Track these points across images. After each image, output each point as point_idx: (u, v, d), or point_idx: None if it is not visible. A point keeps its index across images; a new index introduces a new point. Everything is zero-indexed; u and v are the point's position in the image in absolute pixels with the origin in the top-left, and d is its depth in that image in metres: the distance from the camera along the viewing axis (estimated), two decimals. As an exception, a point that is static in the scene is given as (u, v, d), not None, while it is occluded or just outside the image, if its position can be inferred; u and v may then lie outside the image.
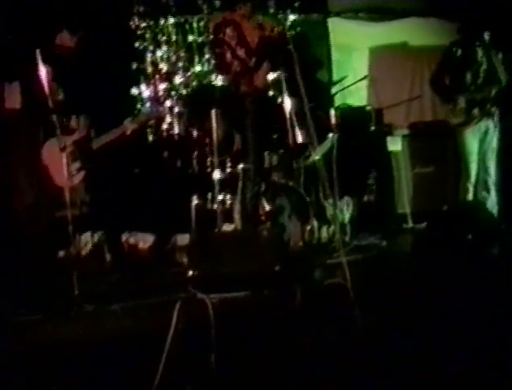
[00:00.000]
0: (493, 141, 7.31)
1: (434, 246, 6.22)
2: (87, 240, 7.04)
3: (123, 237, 7.35)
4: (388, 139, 8.53)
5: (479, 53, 7.26)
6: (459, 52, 7.30)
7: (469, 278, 5.32)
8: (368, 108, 8.82)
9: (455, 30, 7.90)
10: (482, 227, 6.51)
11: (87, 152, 6.44)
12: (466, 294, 4.99)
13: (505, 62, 7.16)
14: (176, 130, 8.08)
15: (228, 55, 7.08)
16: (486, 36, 7.13)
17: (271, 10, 8.39)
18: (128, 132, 6.65)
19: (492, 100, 7.19)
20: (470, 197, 7.33)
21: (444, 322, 4.62)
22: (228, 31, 7.12)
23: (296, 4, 8.31)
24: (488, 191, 7.34)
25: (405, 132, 8.68)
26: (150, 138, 8.13)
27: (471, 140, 7.29)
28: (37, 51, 5.32)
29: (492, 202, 7.30)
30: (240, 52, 6.99)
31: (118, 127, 6.58)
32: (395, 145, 8.52)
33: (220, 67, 7.24)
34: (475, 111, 7.20)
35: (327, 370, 4.24)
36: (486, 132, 7.29)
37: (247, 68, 6.92)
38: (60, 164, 5.58)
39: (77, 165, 6.37)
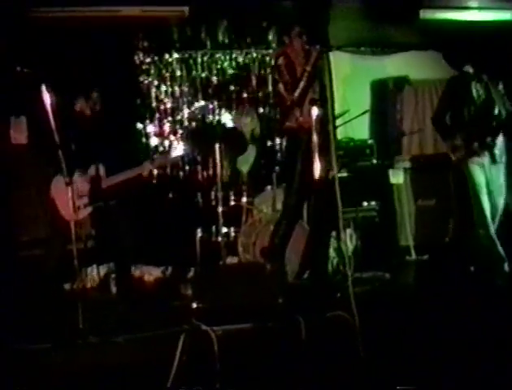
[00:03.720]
0: (500, 177, 7.10)
1: (437, 278, 6.25)
2: (92, 273, 7.08)
3: (130, 270, 7.41)
4: (390, 172, 8.58)
5: (477, 87, 7.13)
6: (458, 88, 7.24)
7: (471, 310, 5.35)
8: (370, 141, 8.90)
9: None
10: (484, 260, 6.55)
11: (96, 189, 6.48)
12: (469, 327, 5.02)
13: (506, 92, 7.08)
14: (181, 164, 8.18)
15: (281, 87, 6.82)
16: (483, 71, 7.11)
17: (273, 45, 8.54)
18: (145, 173, 6.68)
19: (490, 132, 7.03)
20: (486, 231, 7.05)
21: (446, 355, 4.65)
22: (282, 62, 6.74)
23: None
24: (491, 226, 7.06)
25: (407, 164, 8.71)
26: (155, 171, 8.22)
27: (477, 172, 7.05)
28: (43, 86, 5.36)
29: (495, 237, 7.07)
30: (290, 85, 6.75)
31: (136, 167, 6.57)
32: (397, 177, 8.57)
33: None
34: (475, 145, 7.01)
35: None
36: (490, 167, 7.07)
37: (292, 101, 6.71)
38: (66, 198, 5.61)
39: (85, 200, 6.41)
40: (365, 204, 8.28)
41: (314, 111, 6.34)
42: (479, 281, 6.27)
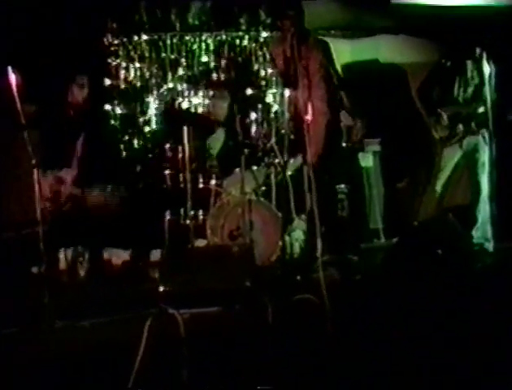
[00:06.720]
0: (483, 157, 7.14)
1: (405, 261, 6.27)
2: (60, 256, 7.03)
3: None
4: (360, 155, 8.59)
5: (470, 66, 7.18)
6: (449, 64, 7.27)
7: (439, 293, 5.38)
8: (340, 124, 8.89)
9: (424, 47, 7.98)
10: (452, 243, 6.58)
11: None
12: (436, 309, 5.05)
13: (496, 76, 7.06)
14: (149, 146, 8.14)
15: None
16: (477, 49, 7.10)
17: (243, 28, 8.51)
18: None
19: (477, 117, 7.08)
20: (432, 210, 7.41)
21: (412, 337, 4.67)
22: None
23: (268, 21, 8.40)
24: (478, 208, 7.21)
25: (377, 148, 8.73)
26: (124, 154, 8.18)
27: (449, 158, 7.27)
28: (9, 67, 5.30)
29: (484, 216, 7.19)
30: None
31: None
32: (366, 160, 8.59)
33: None
34: (460, 127, 7.13)
35: (299, 383, 4.29)
36: (474, 149, 7.18)
37: None
38: (47, 188, 5.59)
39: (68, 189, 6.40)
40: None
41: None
42: (446, 264, 6.31)
